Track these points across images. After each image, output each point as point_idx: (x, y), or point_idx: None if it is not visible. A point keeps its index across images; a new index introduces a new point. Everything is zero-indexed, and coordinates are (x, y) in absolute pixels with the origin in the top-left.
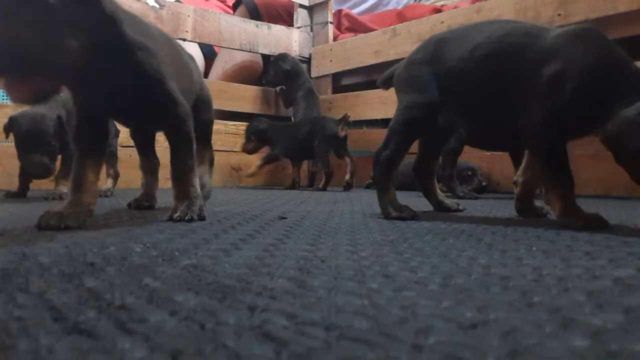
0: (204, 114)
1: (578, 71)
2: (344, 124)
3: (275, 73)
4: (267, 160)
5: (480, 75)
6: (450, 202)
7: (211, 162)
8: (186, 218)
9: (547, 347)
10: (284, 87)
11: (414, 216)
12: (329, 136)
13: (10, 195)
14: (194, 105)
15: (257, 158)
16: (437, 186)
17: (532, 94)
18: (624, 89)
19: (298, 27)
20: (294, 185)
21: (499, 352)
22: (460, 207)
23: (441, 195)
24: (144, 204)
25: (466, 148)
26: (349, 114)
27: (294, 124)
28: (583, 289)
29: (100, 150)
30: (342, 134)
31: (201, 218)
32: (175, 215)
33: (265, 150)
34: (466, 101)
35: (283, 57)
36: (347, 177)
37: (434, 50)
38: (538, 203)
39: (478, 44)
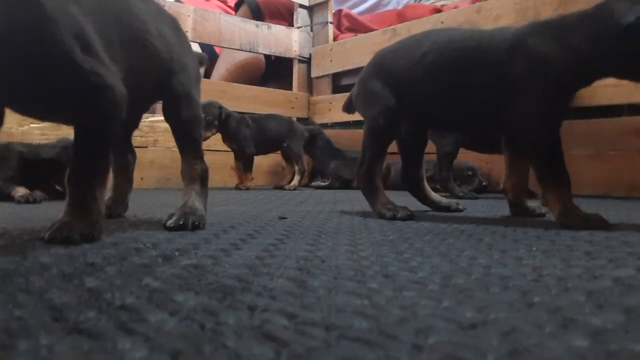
0: (182, 109)
1: (558, 62)
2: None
3: None
4: (250, 164)
5: (434, 80)
6: (447, 201)
7: (203, 180)
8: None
9: (547, 347)
10: None
11: (410, 216)
12: (301, 137)
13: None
14: (169, 98)
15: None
16: (429, 188)
17: (509, 93)
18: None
19: (298, 27)
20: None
21: (499, 352)
22: (460, 207)
23: (437, 196)
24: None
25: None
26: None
27: (258, 119)
28: (583, 289)
29: None
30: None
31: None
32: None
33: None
34: (422, 106)
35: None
36: (295, 182)
37: (381, 63)
38: (535, 203)
39: (425, 53)
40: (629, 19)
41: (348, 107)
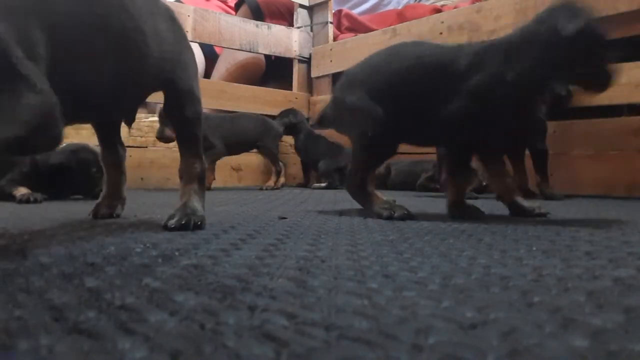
0: (185, 106)
1: (513, 81)
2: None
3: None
4: (213, 160)
5: (405, 96)
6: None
7: (200, 180)
8: None
9: (547, 347)
10: None
11: (408, 215)
12: (275, 136)
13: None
14: (170, 97)
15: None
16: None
17: (472, 107)
18: None
19: (298, 27)
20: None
21: (499, 352)
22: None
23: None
24: (103, 211)
25: None
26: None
27: (230, 117)
28: (583, 289)
29: None
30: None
31: None
32: None
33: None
34: (397, 120)
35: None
36: (281, 181)
37: (356, 78)
38: (535, 203)
39: (396, 70)
40: (570, 31)
41: (321, 122)
